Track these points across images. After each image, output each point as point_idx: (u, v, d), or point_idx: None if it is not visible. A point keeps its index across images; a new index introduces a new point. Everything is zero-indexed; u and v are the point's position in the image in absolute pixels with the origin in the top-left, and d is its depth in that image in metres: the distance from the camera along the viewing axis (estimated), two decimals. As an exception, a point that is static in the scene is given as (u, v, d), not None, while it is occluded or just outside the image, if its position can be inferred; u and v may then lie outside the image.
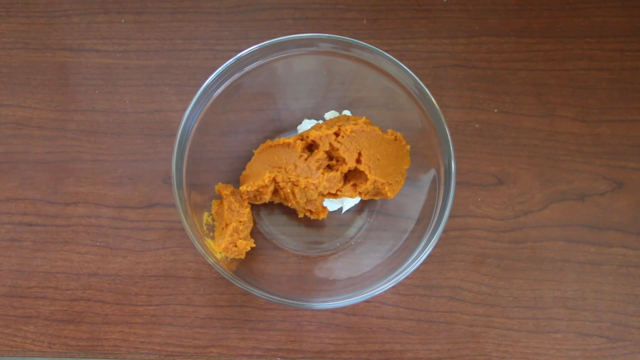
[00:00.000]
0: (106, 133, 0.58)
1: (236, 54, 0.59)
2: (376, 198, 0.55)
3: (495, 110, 0.58)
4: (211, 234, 0.52)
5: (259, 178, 0.51)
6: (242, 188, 0.52)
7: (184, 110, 0.59)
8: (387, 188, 0.52)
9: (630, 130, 0.58)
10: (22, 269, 0.56)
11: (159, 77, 0.59)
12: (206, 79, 0.58)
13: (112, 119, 0.59)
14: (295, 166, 0.51)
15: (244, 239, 0.51)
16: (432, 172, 0.51)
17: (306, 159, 0.51)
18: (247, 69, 0.51)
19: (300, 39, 0.50)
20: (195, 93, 0.59)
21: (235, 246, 0.51)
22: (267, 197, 0.53)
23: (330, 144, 0.51)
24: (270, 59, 0.51)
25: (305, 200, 0.52)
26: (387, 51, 0.49)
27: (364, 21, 0.60)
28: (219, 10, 0.61)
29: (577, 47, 0.59)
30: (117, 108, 0.59)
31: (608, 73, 0.59)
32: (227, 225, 0.51)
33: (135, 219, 0.57)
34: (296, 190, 0.51)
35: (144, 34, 0.60)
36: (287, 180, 0.51)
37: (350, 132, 0.50)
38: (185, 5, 0.61)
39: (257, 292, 0.47)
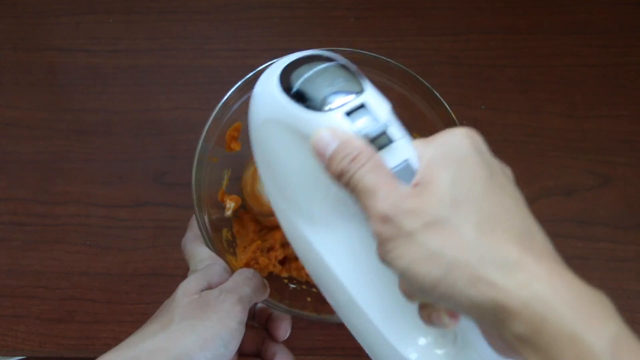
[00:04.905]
0: (95, 132, 0.59)
1: (225, 53, 0.60)
2: None
3: (483, 107, 0.59)
4: (231, 249, 0.51)
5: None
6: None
7: (174, 109, 0.59)
8: None
9: (616, 125, 0.58)
10: (12, 269, 0.56)
11: (147, 77, 0.59)
12: (196, 78, 0.59)
13: (102, 119, 0.59)
14: None
15: (267, 257, 0.50)
16: None
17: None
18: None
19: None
20: (184, 92, 0.60)
21: (257, 263, 0.50)
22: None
23: None
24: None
25: None
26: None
27: (352, 19, 0.60)
28: (207, 9, 0.61)
29: (563, 43, 0.60)
30: (106, 107, 0.59)
31: (594, 69, 0.59)
32: (250, 243, 0.51)
33: (125, 217, 0.57)
34: None
35: (132, 34, 0.60)
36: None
37: None
38: (174, 4, 0.61)
39: (283, 308, 0.45)
